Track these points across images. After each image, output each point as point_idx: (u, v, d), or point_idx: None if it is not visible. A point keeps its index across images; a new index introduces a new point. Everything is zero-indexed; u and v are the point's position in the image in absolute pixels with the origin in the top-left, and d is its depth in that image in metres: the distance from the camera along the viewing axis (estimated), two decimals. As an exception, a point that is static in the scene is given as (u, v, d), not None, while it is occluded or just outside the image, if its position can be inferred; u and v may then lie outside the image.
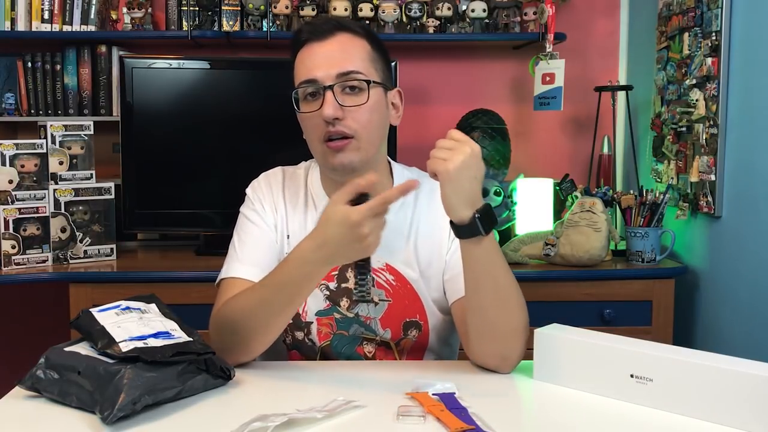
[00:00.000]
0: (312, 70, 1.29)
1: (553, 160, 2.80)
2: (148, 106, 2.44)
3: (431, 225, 1.39)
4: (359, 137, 1.30)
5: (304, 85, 1.30)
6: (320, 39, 1.31)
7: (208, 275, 2.11)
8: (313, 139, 1.32)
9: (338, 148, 1.29)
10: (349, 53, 1.31)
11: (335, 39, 1.31)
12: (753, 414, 1.01)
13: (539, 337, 1.22)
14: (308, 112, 1.30)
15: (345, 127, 1.28)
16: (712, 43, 2.11)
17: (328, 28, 1.32)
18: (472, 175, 1.17)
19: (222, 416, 1.07)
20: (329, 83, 1.28)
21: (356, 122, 1.29)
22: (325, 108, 1.27)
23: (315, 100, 1.30)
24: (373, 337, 1.38)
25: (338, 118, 1.27)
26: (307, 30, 1.34)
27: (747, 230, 2.01)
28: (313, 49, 1.31)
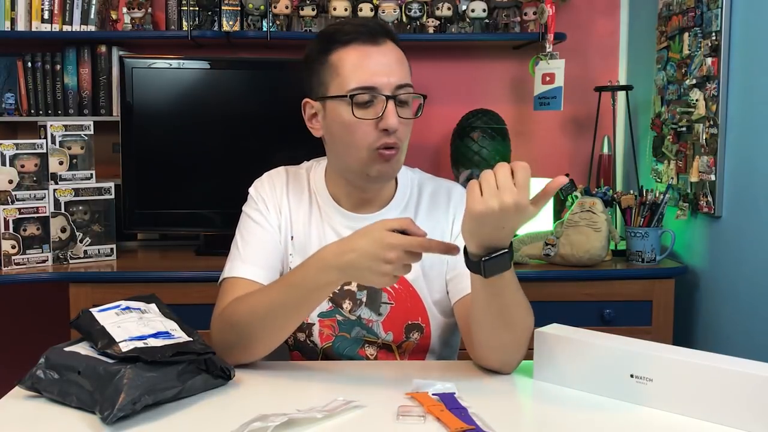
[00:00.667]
0: (374, 76, 1.26)
1: (553, 160, 2.80)
2: (148, 106, 2.44)
3: (433, 227, 1.39)
4: (401, 149, 1.31)
5: (362, 91, 1.27)
6: (375, 43, 1.28)
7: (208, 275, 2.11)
8: (361, 145, 1.29)
9: (389, 157, 1.29)
10: (402, 65, 1.31)
11: (388, 47, 1.30)
12: (753, 414, 1.01)
13: (539, 337, 1.22)
14: (365, 118, 1.27)
15: (398, 138, 1.29)
16: (712, 43, 2.11)
17: (378, 31, 1.30)
18: (499, 225, 1.07)
19: (222, 416, 1.07)
20: (389, 93, 1.27)
21: (404, 134, 1.31)
22: (390, 119, 1.26)
23: (368, 107, 1.27)
24: (375, 340, 1.38)
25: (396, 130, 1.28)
26: (351, 30, 1.29)
27: (747, 230, 2.01)
28: (369, 53, 1.28)
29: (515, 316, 1.21)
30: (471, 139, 2.56)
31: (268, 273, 1.35)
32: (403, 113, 1.29)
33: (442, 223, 1.40)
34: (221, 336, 1.27)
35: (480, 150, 2.54)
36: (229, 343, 1.25)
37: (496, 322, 1.20)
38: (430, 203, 1.42)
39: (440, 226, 1.40)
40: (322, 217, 1.40)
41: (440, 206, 1.42)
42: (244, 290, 1.31)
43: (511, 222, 1.07)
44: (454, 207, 1.42)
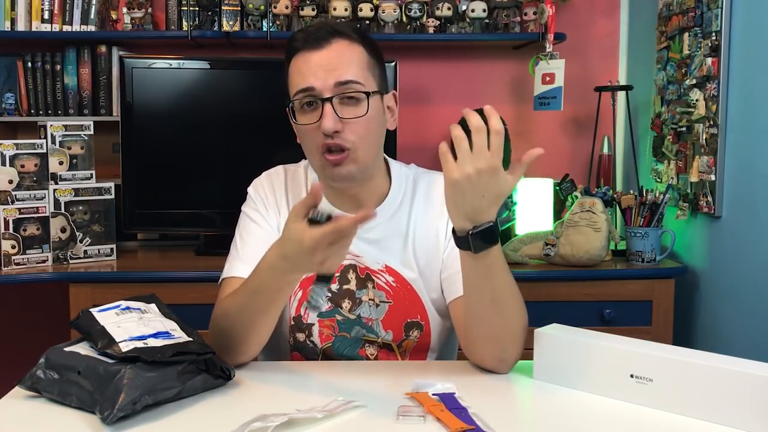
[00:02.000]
0: (308, 78, 1.26)
1: (553, 160, 2.80)
2: (148, 106, 2.44)
3: (428, 224, 1.39)
4: (356, 149, 1.28)
5: (300, 94, 1.27)
6: (316, 47, 1.28)
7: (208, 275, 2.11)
8: (311, 150, 1.30)
9: (336, 161, 1.28)
10: (346, 61, 1.28)
11: (331, 46, 1.28)
12: (753, 414, 1.01)
13: (539, 337, 1.22)
14: (306, 124, 1.28)
15: (343, 140, 1.27)
16: (712, 43, 2.11)
17: (323, 34, 1.29)
18: (478, 192, 1.08)
19: (222, 416, 1.07)
20: (327, 94, 1.26)
21: (354, 134, 1.27)
22: (325, 121, 1.25)
23: (312, 110, 1.28)
24: (375, 339, 1.38)
25: (337, 131, 1.26)
26: (301, 37, 1.30)
27: (747, 230, 2.01)
28: (309, 57, 1.28)
29: (508, 302, 1.21)
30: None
31: None
32: (348, 112, 1.27)
33: (436, 221, 1.39)
34: (215, 337, 1.28)
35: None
36: (221, 343, 1.25)
37: (489, 309, 1.20)
38: (424, 198, 1.41)
39: (434, 223, 1.39)
40: None
41: (434, 202, 1.40)
42: None
43: (489, 188, 1.08)
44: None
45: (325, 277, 1.13)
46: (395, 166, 1.44)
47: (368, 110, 1.28)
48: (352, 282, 1.38)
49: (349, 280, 1.38)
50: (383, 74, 1.36)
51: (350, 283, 1.38)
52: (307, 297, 1.30)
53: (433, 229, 1.39)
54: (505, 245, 2.33)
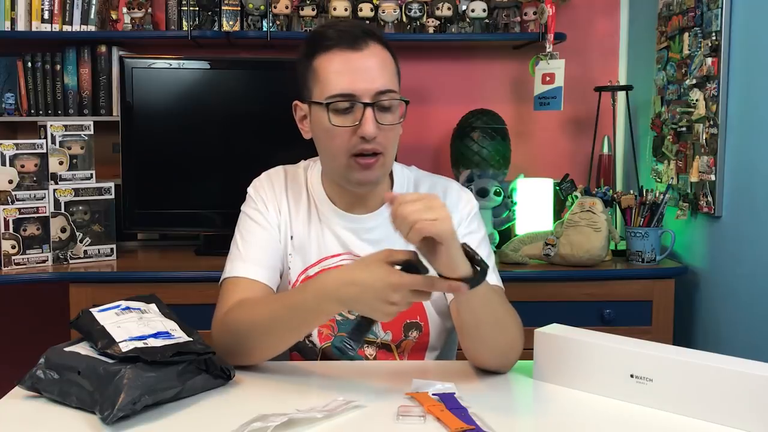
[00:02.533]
0: (352, 84, 1.25)
1: (553, 160, 2.80)
2: (148, 106, 2.44)
3: None
4: (386, 154, 1.30)
5: (339, 98, 1.26)
6: (353, 48, 1.27)
7: (208, 275, 2.12)
8: (339, 152, 1.29)
9: (369, 165, 1.28)
10: (384, 70, 1.28)
11: (369, 51, 1.27)
12: (753, 414, 1.01)
13: (539, 337, 1.22)
14: (342, 126, 1.27)
15: (378, 145, 1.27)
16: (712, 43, 2.11)
17: (360, 35, 1.28)
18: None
19: (222, 416, 1.07)
20: (368, 100, 1.25)
21: (387, 140, 1.29)
22: (367, 127, 1.24)
23: (347, 114, 1.26)
24: (373, 340, 1.38)
25: (375, 137, 1.26)
26: (335, 35, 1.28)
27: (747, 230, 2.01)
28: (349, 58, 1.26)
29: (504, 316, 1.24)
30: (471, 139, 2.56)
31: (269, 272, 1.35)
32: (385, 119, 1.28)
33: None
34: (222, 340, 1.27)
35: (480, 150, 2.54)
36: (229, 348, 1.25)
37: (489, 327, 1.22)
38: None
39: None
40: (320, 217, 1.40)
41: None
42: (246, 290, 1.31)
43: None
44: (450, 205, 1.40)
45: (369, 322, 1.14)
46: (397, 168, 1.44)
47: (402, 118, 1.31)
48: None
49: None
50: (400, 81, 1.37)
51: None
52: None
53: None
54: (505, 245, 2.33)
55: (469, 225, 1.40)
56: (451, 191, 1.42)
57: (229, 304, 1.30)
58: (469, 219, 1.40)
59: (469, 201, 1.43)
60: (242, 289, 1.31)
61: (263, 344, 1.24)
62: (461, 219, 1.39)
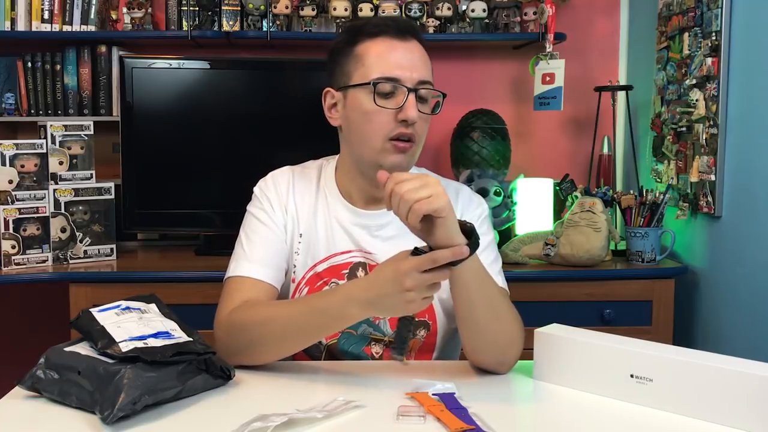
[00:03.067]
0: (398, 68, 1.29)
1: (553, 160, 2.80)
2: (148, 106, 2.44)
3: None
4: (418, 143, 1.33)
5: (385, 80, 1.29)
6: (401, 38, 1.31)
7: (208, 275, 2.12)
8: (377, 134, 1.30)
9: (404, 149, 1.30)
10: (425, 63, 1.33)
11: (414, 44, 1.32)
12: (753, 414, 1.01)
13: (539, 337, 1.22)
14: (384, 107, 1.29)
15: (414, 132, 1.30)
16: (712, 43, 2.11)
17: (406, 28, 1.33)
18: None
19: (222, 416, 1.07)
20: (411, 86, 1.29)
21: (421, 129, 1.32)
22: (410, 110, 1.27)
23: (389, 98, 1.29)
24: (381, 338, 1.39)
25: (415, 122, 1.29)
26: (379, 23, 1.33)
27: (747, 230, 2.01)
28: (395, 46, 1.30)
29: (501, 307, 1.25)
30: (471, 139, 2.56)
31: (273, 272, 1.35)
32: (423, 108, 1.31)
33: None
34: (229, 339, 1.27)
35: (480, 150, 2.54)
36: (237, 347, 1.25)
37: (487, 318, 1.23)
38: None
39: None
40: (330, 214, 1.40)
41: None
42: (250, 289, 1.31)
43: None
44: (462, 207, 1.43)
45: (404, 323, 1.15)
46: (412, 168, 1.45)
47: (436, 110, 1.34)
48: None
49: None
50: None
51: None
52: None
53: None
54: (505, 245, 2.33)
55: (479, 227, 1.40)
56: (463, 193, 1.45)
57: (233, 303, 1.30)
58: (479, 222, 1.42)
59: (480, 204, 1.46)
60: (246, 288, 1.32)
61: (277, 345, 1.24)
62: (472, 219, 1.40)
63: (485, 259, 1.36)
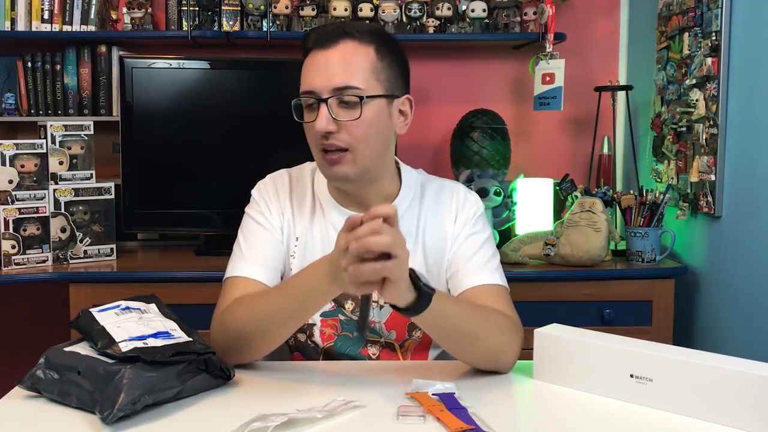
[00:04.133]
0: (311, 81, 1.29)
1: (553, 160, 2.80)
2: (148, 106, 2.44)
3: (436, 225, 1.41)
4: (354, 150, 1.29)
5: (303, 96, 1.30)
6: (324, 47, 1.29)
7: (208, 275, 2.12)
8: (313, 148, 1.33)
9: (332, 161, 1.29)
10: (349, 65, 1.28)
11: (338, 48, 1.29)
12: (753, 414, 1.01)
13: (539, 337, 1.22)
14: (306, 122, 1.31)
15: (339, 141, 1.28)
16: (712, 43, 2.11)
17: (333, 35, 1.29)
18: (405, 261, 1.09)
19: (222, 416, 1.07)
20: (326, 96, 1.27)
21: (351, 136, 1.28)
22: (317, 122, 1.27)
23: (313, 110, 1.29)
24: (377, 339, 1.39)
25: (331, 132, 1.27)
26: (313, 37, 1.32)
27: (747, 230, 2.01)
28: (316, 58, 1.29)
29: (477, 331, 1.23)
30: (471, 139, 2.56)
31: (271, 273, 1.36)
32: (344, 115, 1.27)
33: (444, 222, 1.41)
34: (221, 337, 1.27)
35: (480, 150, 2.54)
36: (229, 345, 1.25)
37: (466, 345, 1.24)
38: (434, 203, 1.43)
39: (443, 224, 1.41)
40: (324, 217, 1.40)
41: (443, 205, 1.42)
42: (247, 289, 1.32)
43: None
44: (457, 206, 1.42)
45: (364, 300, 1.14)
46: (405, 170, 1.45)
47: (361, 114, 1.27)
48: None
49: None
50: (397, 77, 1.34)
51: None
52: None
53: (441, 230, 1.40)
54: (505, 245, 2.33)
55: (474, 226, 1.41)
56: (458, 193, 1.44)
57: (228, 303, 1.31)
58: (474, 219, 1.42)
59: (475, 202, 1.45)
60: (242, 288, 1.32)
61: (262, 335, 1.24)
62: (466, 219, 1.41)
63: (481, 257, 1.37)
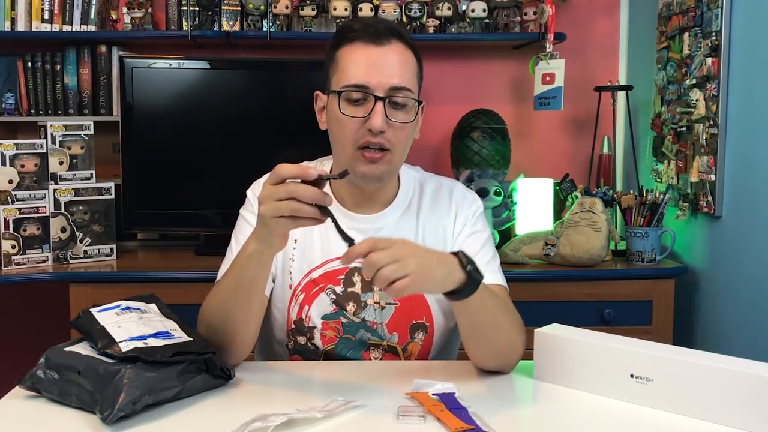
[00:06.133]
0: (366, 75, 1.26)
1: (553, 160, 2.80)
2: (148, 106, 2.44)
3: (436, 224, 1.41)
4: (394, 152, 1.29)
5: (352, 88, 1.27)
6: (376, 42, 1.28)
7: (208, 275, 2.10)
8: (347, 142, 1.29)
9: (374, 159, 1.28)
10: (404, 67, 1.28)
11: (392, 47, 1.28)
12: (753, 414, 1.01)
13: (539, 337, 1.22)
14: (351, 116, 1.27)
15: (386, 141, 1.27)
16: (712, 43, 2.11)
17: (384, 31, 1.28)
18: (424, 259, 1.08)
19: (222, 416, 1.07)
20: (381, 94, 1.26)
21: (396, 138, 1.28)
22: (375, 119, 1.25)
23: (359, 105, 1.27)
24: (379, 343, 1.38)
25: (383, 131, 1.26)
26: (360, 27, 1.29)
27: (747, 230, 2.01)
28: (369, 51, 1.27)
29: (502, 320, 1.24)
30: (471, 139, 2.56)
31: None
32: (396, 116, 1.28)
33: (444, 221, 1.41)
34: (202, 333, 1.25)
35: (480, 150, 2.54)
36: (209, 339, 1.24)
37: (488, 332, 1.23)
38: (432, 201, 1.42)
39: (442, 223, 1.41)
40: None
41: (442, 204, 1.42)
42: None
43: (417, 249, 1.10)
44: (456, 205, 1.42)
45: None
46: (403, 168, 1.44)
47: (415, 117, 1.30)
48: (356, 285, 1.37)
49: (354, 283, 1.37)
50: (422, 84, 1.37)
51: (355, 285, 1.37)
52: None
53: (441, 229, 1.40)
54: (505, 245, 2.33)
55: (474, 225, 1.41)
56: (456, 191, 1.44)
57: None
58: (474, 219, 1.42)
59: (474, 201, 1.45)
60: None
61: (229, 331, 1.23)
62: (466, 218, 1.41)
63: (483, 257, 1.37)
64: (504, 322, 1.25)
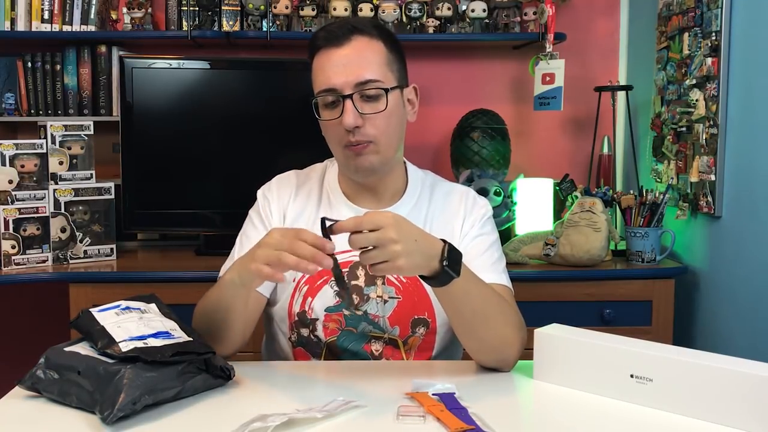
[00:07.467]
0: (330, 78, 1.31)
1: (553, 160, 2.80)
2: (148, 106, 2.44)
3: (444, 223, 1.43)
4: (378, 141, 1.33)
5: (323, 93, 1.33)
6: (336, 45, 1.32)
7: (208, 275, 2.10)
8: (334, 144, 1.36)
9: (358, 151, 1.32)
10: (365, 60, 1.32)
11: (351, 44, 1.32)
12: (753, 414, 1.01)
13: (539, 337, 1.22)
14: (329, 119, 1.33)
15: (364, 135, 1.32)
16: (712, 43, 2.11)
17: (344, 32, 1.33)
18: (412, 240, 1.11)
19: (222, 416, 1.07)
20: (348, 92, 1.30)
21: (375, 128, 1.32)
22: (345, 117, 1.30)
23: (335, 107, 1.32)
24: (381, 335, 1.39)
25: (358, 126, 1.30)
26: (323, 36, 1.35)
27: (747, 230, 2.01)
28: (330, 55, 1.32)
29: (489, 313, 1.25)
30: (471, 139, 2.56)
31: None
32: (368, 108, 1.31)
33: (452, 222, 1.44)
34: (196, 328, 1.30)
35: (480, 150, 2.54)
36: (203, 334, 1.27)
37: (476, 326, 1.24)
38: (442, 203, 1.45)
39: (450, 223, 1.43)
40: (332, 214, 1.40)
41: (452, 206, 1.45)
42: None
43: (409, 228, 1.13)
44: (465, 207, 1.45)
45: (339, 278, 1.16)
46: (412, 170, 1.48)
47: (387, 106, 1.32)
48: (360, 278, 1.39)
49: (358, 277, 1.39)
50: (403, 68, 1.40)
51: (358, 279, 1.39)
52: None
53: (448, 228, 1.42)
54: (505, 245, 2.33)
55: (481, 227, 1.44)
56: (468, 196, 1.48)
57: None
58: (483, 222, 1.44)
59: (484, 206, 1.48)
60: None
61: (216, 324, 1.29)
62: (474, 221, 1.44)
63: (488, 258, 1.39)
64: (494, 316, 1.25)
